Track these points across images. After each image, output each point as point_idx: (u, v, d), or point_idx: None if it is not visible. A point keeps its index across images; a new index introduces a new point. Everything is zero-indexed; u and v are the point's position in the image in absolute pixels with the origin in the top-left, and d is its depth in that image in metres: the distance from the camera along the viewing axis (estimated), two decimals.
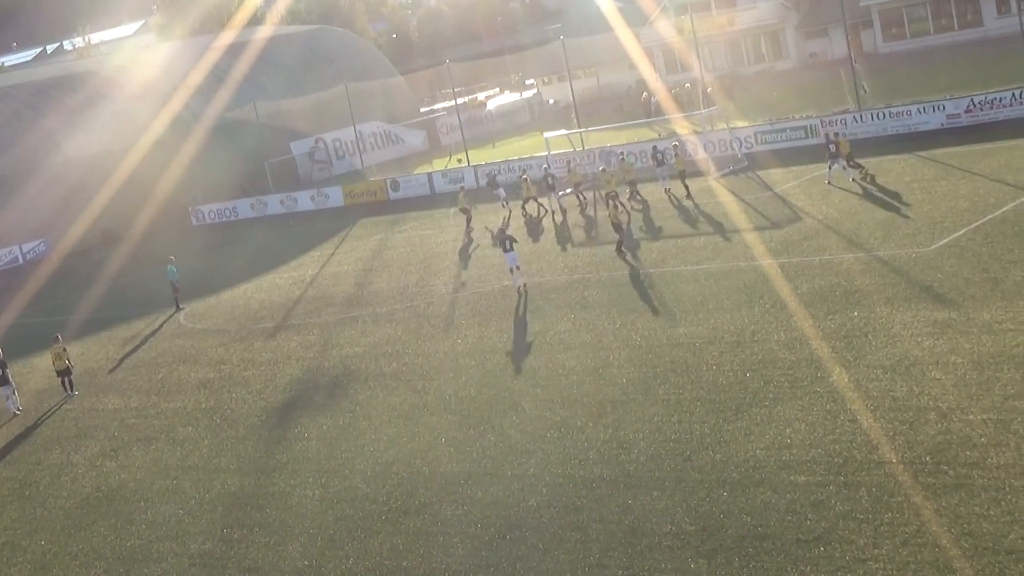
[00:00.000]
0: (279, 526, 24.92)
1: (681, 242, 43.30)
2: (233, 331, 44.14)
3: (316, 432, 30.56)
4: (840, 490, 20.70)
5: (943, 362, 25.53)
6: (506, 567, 20.71)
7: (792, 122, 60.32)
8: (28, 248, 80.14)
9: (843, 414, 23.95)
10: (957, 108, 54.99)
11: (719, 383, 27.41)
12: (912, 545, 18.32)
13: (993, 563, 17.29)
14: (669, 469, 23.26)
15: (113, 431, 34.75)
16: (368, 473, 26.80)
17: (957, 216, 37.86)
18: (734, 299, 33.94)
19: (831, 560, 18.42)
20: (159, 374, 40.47)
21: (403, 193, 74.28)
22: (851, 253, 36.20)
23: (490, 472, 25.21)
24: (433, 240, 54.46)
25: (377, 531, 23.49)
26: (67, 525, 27.83)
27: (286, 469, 28.34)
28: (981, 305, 28.65)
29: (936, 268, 32.62)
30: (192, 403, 35.94)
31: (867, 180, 46.32)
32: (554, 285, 40.84)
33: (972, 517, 18.77)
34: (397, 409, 30.99)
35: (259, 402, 34.50)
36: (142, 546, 25.59)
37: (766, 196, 48.69)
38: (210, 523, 26.03)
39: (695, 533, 20.37)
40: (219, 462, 29.99)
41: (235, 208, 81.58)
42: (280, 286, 52.02)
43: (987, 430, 21.76)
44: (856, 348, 27.60)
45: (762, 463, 22.55)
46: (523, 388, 30.34)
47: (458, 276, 45.98)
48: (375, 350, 37.38)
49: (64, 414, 37.88)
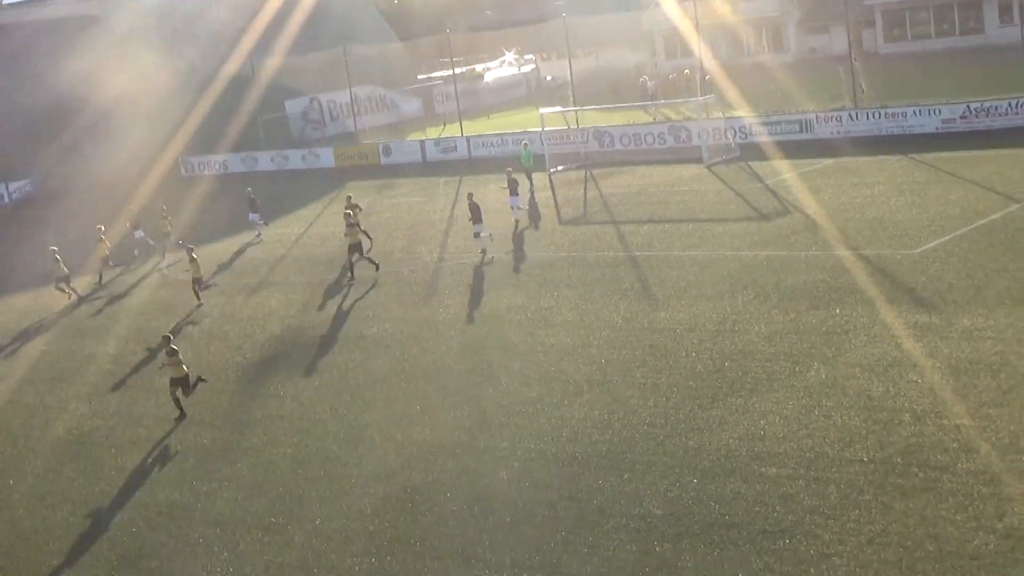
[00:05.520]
0: (249, 482, 24.92)
1: (668, 227, 43.32)
2: (215, 285, 44.03)
3: (292, 391, 30.56)
4: (809, 484, 20.79)
5: (921, 365, 25.62)
6: (472, 537, 20.76)
7: (788, 115, 60.34)
8: (14, 188, 79.81)
9: (818, 410, 24.03)
10: (953, 113, 55.07)
11: (697, 370, 27.46)
12: (877, 544, 18.41)
13: (956, 567, 17.39)
14: (641, 452, 23.31)
15: (89, 376, 34.69)
16: (341, 435, 26.82)
17: (945, 221, 37.95)
18: (717, 288, 33.99)
19: (796, 553, 18.50)
20: (139, 323, 40.41)
21: (395, 159, 74.14)
22: (837, 250, 36.26)
23: (463, 443, 25.25)
24: (421, 208, 54.42)
25: (346, 493, 23.51)
26: (36, 467, 27.79)
27: (259, 426, 28.34)
28: (963, 311, 28.74)
29: (921, 271, 32.69)
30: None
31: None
32: (539, 261, 40.84)
33: (939, 520, 18.86)
34: (374, 374, 31.00)
35: (236, 357, 34.46)
36: (110, 492, 25.57)
37: (756, 188, 48.73)
38: (180, 474, 26.02)
39: (663, 517, 20.44)
40: (193, 413, 29.95)
41: (225, 162, 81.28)
42: (265, 243, 51.93)
43: (960, 435, 21.86)
44: (835, 345, 27.68)
45: (734, 453, 22.62)
46: (501, 362, 30.36)
47: (444, 245, 45.94)
48: (356, 313, 37.37)
49: (41, 356, 37.82)
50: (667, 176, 54.80)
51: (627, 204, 49.43)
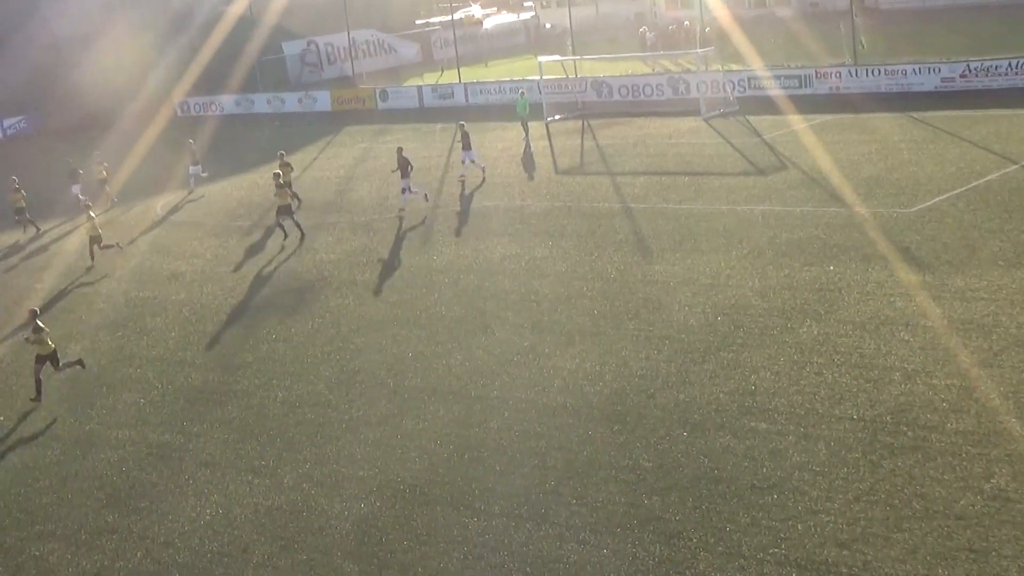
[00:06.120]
0: (239, 424, 24.97)
1: (665, 180, 43.22)
2: (209, 226, 43.98)
3: (284, 335, 30.56)
4: (799, 441, 20.85)
5: (913, 324, 25.65)
6: (461, 485, 20.83)
7: (787, 70, 60.06)
8: (9, 124, 79.43)
9: (809, 366, 24.07)
10: (952, 72, 54.85)
11: (689, 324, 27.48)
12: (864, 501, 18.49)
13: (943, 527, 17.47)
14: (632, 404, 23.36)
15: (80, 314, 34.68)
16: (333, 380, 26.85)
17: (942, 180, 37.89)
18: (712, 242, 33.96)
19: (783, 508, 18.58)
20: (132, 262, 40.35)
21: (392, 104, 73.81)
22: (833, 207, 36.21)
23: (454, 390, 25.29)
24: (418, 154, 54.10)
25: (337, 438, 23.57)
26: (26, 405, 27.78)
27: (251, 368, 28.36)
28: (956, 271, 28.75)
29: (915, 230, 32.67)
30: (162, 294, 35.87)
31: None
32: (534, 211, 40.77)
33: (926, 480, 18.95)
34: (367, 319, 31.00)
35: (230, 299, 34.44)
36: (101, 431, 25.62)
37: (754, 142, 48.59)
38: (171, 415, 26.06)
39: (651, 470, 20.51)
40: (184, 355, 29.99)
41: (220, 102, 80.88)
42: (260, 185, 51.72)
43: (950, 395, 21.93)
44: (828, 302, 27.70)
45: (724, 407, 22.68)
46: (494, 310, 30.36)
47: (439, 192, 45.82)
48: (350, 258, 37.33)
49: (33, 293, 37.75)
50: (665, 128, 54.61)
51: (624, 155, 49.28)
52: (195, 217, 46.34)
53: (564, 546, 18.39)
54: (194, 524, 20.73)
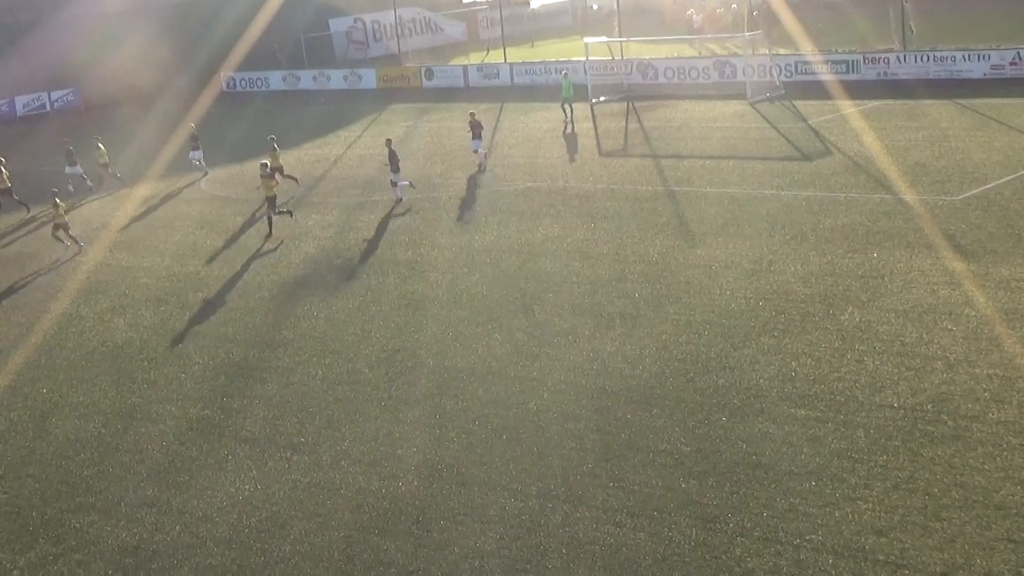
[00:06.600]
0: (279, 401, 25.08)
1: (709, 163, 43.06)
2: (253, 202, 44.11)
3: (325, 312, 30.66)
4: (838, 428, 20.76)
5: (956, 313, 25.47)
6: (500, 466, 20.86)
7: (834, 55, 59.64)
8: (57, 96, 79.89)
9: (850, 353, 23.94)
10: (1003, 59, 54.36)
11: (730, 308, 27.39)
12: (903, 490, 18.40)
13: (981, 516, 17.37)
14: (671, 388, 23.32)
15: (124, 288, 34.90)
16: (373, 359, 26.92)
17: (989, 168, 37.57)
18: (755, 227, 33.81)
19: (821, 496, 18.51)
20: (175, 236, 40.57)
21: (436, 83, 73.82)
22: (877, 194, 35.98)
23: (494, 371, 25.31)
24: (461, 133, 54.06)
25: (375, 416, 23.64)
26: (70, 376, 28.03)
27: (292, 345, 28.47)
28: (1001, 260, 28.51)
29: (961, 218, 32.42)
30: (204, 269, 36.07)
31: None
32: (577, 192, 40.71)
33: (966, 469, 18.83)
34: (408, 298, 31.06)
35: (272, 276, 34.58)
36: (142, 405, 25.80)
37: (799, 127, 48.32)
38: (211, 390, 26.21)
39: (689, 454, 20.47)
40: (226, 331, 30.14)
41: (267, 79, 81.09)
42: (304, 162, 51.90)
43: (991, 385, 21.77)
44: (871, 289, 27.53)
45: (764, 393, 22.60)
46: (535, 292, 30.36)
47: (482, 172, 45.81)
48: (392, 237, 37.39)
49: (76, 266, 38.04)
50: (710, 112, 54.40)
51: (668, 138, 49.13)
52: (238, 193, 46.51)
53: (600, 528, 18.39)
54: (232, 499, 20.85)
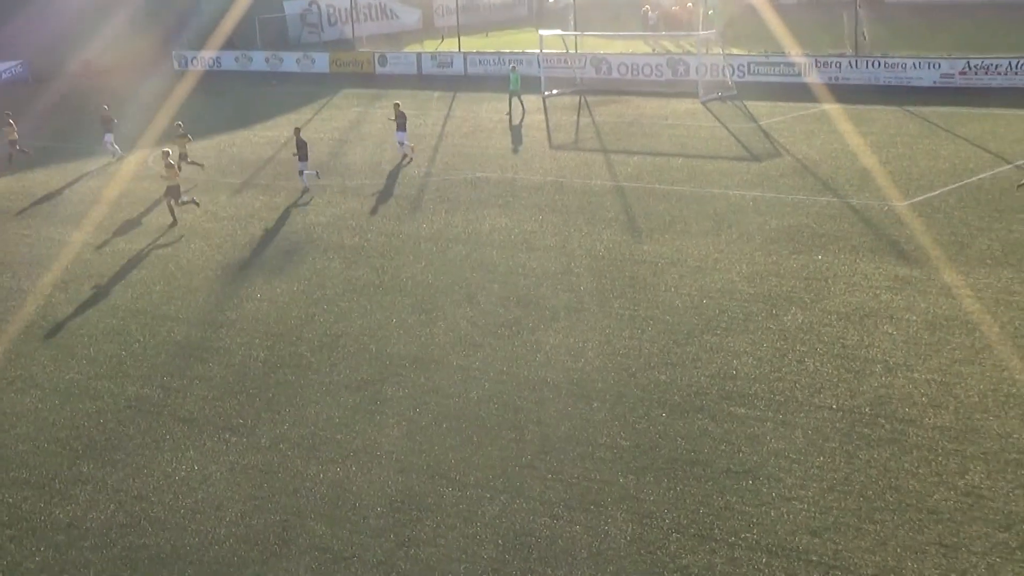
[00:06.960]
0: (220, 382, 24.91)
1: (659, 160, 43.19)
2: (200, 182, 43.78)
3: (269, 295, 30.49)
4: (777, 428, 20.88)
5: (897, 318, 25.69)
6: (438, 454, 20.82)
7: (787, 58, 60.01)
8: (4, 68, 78.99)
9: (791, 354, 24.09)
10: (952, 68, 54.92)
11: (675, 305, 27.48)
12: (838, 491, 18.53)
13: (914, 520, 17.52)
14: (613, 382, 23.37)
15: (66, 264, 34.53)
16: (315, 343, 26.80)
17: (935, 176, 37.93)
18: (702, 225, 33.95)
19: (757, 495, 18.61)
20: (120, 214, 40.20)
21: (390, 69, 73.66)
22: (824, 196, 36.23)
23: (436, 359, 25.26)
24: (413, 121, 54.00)
25: (316, 401, 23.53)
26: (7, 350, 27.67)
27: (234, 327, 28.29)
28: (943, 267, 28.79)
29: (905, 224, 32.71)
30: (148, 247, 35.75)
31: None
32: (526, 184, 40.71)
33: (901, 473, 18.99)
34: (353, 284, 30.95)
35: (216, 256, 34.35)
36: (80, 381, 25.54)
37: (750, 128, 48.58)
38: (151, 369, 25.98)
39: (628, 449, 20.52)
40: (168, 309, 29.90)
41: (219, 59, 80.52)
42: (253, 143, 51.63)
43: (929, 390, 21.97)
44: (814, 291, 27.71)
45: (705, 390, 22.69)
46: (480, 281, 30.33)
47: (432, 160, 45.71)
48: (339, 222, 37.24)
49: (19, 240, 37.61)
50: (661, 109, 54.60)
51: (619, 134, 49.25)
52: (185, 172, 46.10)
53: (537, 520, 18.39)
54: (169, 479, 20.68)
